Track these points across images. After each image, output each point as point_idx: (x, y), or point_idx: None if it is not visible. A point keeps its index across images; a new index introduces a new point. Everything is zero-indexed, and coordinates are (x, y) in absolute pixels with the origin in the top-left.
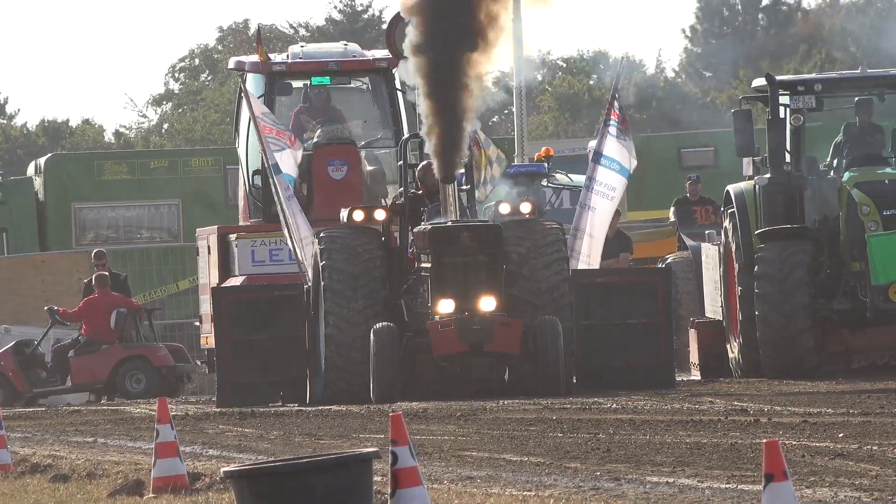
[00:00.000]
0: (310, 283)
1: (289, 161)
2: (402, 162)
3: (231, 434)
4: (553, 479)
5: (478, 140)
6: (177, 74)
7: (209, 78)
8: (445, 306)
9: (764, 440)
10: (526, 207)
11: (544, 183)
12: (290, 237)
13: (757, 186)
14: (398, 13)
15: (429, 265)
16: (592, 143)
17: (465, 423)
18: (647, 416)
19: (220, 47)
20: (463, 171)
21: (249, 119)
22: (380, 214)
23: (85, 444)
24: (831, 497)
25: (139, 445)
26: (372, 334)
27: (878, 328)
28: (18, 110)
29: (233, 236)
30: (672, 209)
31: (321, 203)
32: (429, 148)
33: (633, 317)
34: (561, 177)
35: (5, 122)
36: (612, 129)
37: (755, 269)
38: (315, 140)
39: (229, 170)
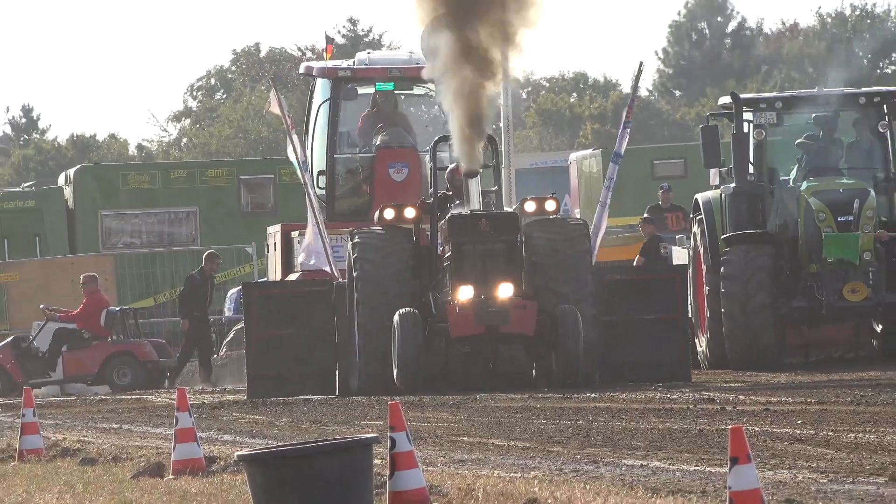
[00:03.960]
0: (339, 280)
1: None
2: (431, 164)
3: (243, 421)
4: (537, 462)
5: None
6: (195, 93)
7: (224, 96)
8: (465, 292)
9: (729, 426)
10: (551, 205)
11: None
12: (320, 233)
13: (723, 195)
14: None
15: (449, 253)
16: (574, 155)
17: (457, 411)
18: (623, 405)
19: (233, 68)
20: (488, 167)
21: (314, 123)
22: (409, 212)
23: (111, 430)
24: (790, 478)
25: (160, 431)
26: (396, 317)
27: (833, 324)
28: (50, 126)
29: (294, 233)
30: (646, 216)
31: (381, 203)
32: (454, 147)
33: (651, 313)
34: None
35: (38, 136)
36: (629, 130)
37: (721, 270)
38: (378, 143)
39: (242, 179)
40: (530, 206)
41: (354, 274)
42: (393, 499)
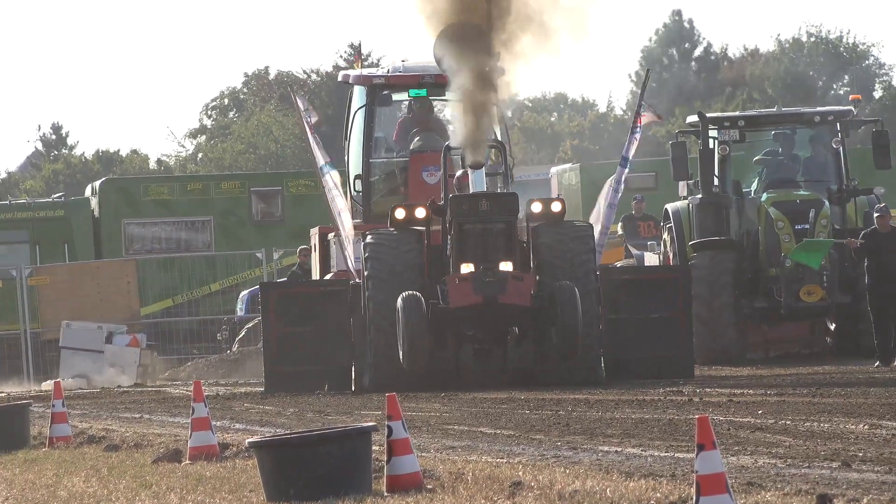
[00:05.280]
0: (355, 280)
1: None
2: (442, 169)
3: (254, 411)
4: (521, 449)
5: None
6: (209, 112)
7: (236, 115)
8: (465, 270)
9: (696, 416)
10: (557, 206)
11: None
12: (339, 234)
13: (690, 205)
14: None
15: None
16: (554, 169)
17: (448, 402)
18: (600, 396)
19: (245, 90)
20: (498, 174)
21: (350, 128)
22: (420, 212)
23: (133, 420)
24: (752, 463)
25: (178, 420)
26: (399, 300)
27: (791, 323)
28: (77, 142)
29: (331, 235)
30: (620, 224)
31: None
32: (461, 139)
33: (656, 311)
34: None
35: (67, 152)
36: (637, 136)
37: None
38: (412, 147)
39: (252, 191)
40: (536, 207)
41: (366, 273)
42: (390, 482)
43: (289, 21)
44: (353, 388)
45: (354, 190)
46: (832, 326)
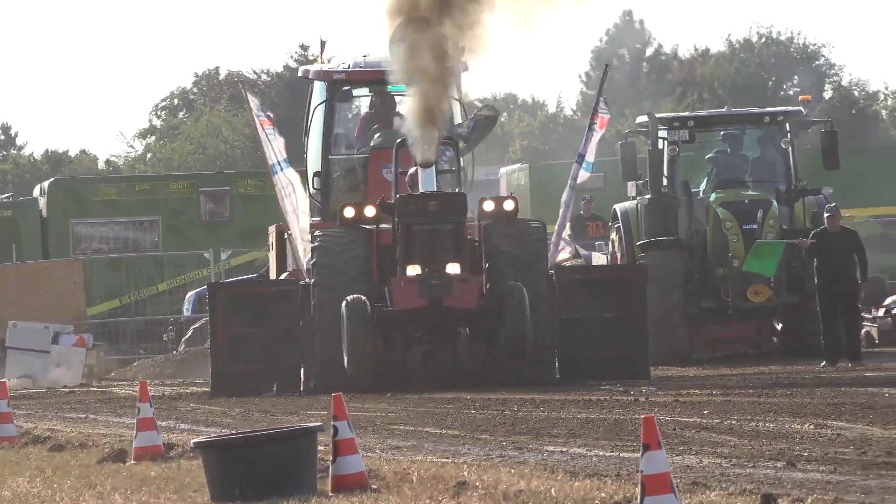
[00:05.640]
0: (306, 280)
1: (282, 145)
2: (394, 166)
3: (200, 411)
4: (467, 449)
5: None
6: (159, 112)
7: (186, 115)
8: (412, 272)
9: (642, 416)
10: (509, 205)
11: None
12: (290, 233)
13: (639, 205)
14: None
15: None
16: (504, 170)
17: (394, 401)
18: (546, 396)
19: (194, 90)
20: (451, 171)
21: (309, 124)
22: (370, 211)
23: (78, 420)
24: (697, 463)
25: (123, 420)
26: (343, 305)
27: (738, 323)
28: (26, 142)
29: (287, 234)
30: (569, 224)
31: None
32: (410, 137)
33: (610, 311)
34: None
35: (15, 152)
36: (595, 134)
37: None
38: (372, 144)
39: (201, 191)
40: (489, 206)
41: (312, 280)
42: (335, 482)
43: (239, 21)
44: (301, 390)
45: (313, 187)
46: (779, 326)
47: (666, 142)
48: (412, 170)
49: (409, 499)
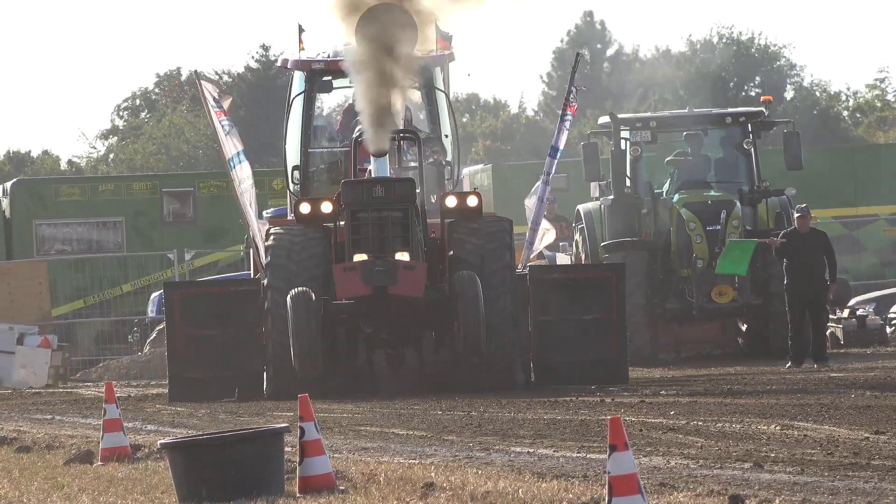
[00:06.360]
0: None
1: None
2: (352, 159)
3: (166, 412)
4: (434, 450)
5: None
6: (121, 113)
7: (148, 116)
8: (358, 259)
9: (608, 417)
10: (473, 201)
11: None
12: (252, 232)
13: (602, 206)
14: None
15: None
16: (467, 170)
17: (361, 402)
18: (512, 397)
19: (157, 90)
20: (413, 168)
21: (287, 119)
22: (326, 207)
23: (44, 421)
24: (664, 464)
25: (90, 422)
26: (288, 300)
27: (702, 324)
28: None
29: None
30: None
31: None
32: (364, 126)
33: (587, 312)
34: None
35: None
36: (567, 124)
37: None
38: (355, 136)
39: (164, 192)
40: (451, 202)
41: (264, 282)
42: (302, 483)
43: (201, 21)
44: (265, 394)
45: (293, 182)
46: (743, 327)
47: (628, 142)
48: (371, 165)
49: (377, 500)
